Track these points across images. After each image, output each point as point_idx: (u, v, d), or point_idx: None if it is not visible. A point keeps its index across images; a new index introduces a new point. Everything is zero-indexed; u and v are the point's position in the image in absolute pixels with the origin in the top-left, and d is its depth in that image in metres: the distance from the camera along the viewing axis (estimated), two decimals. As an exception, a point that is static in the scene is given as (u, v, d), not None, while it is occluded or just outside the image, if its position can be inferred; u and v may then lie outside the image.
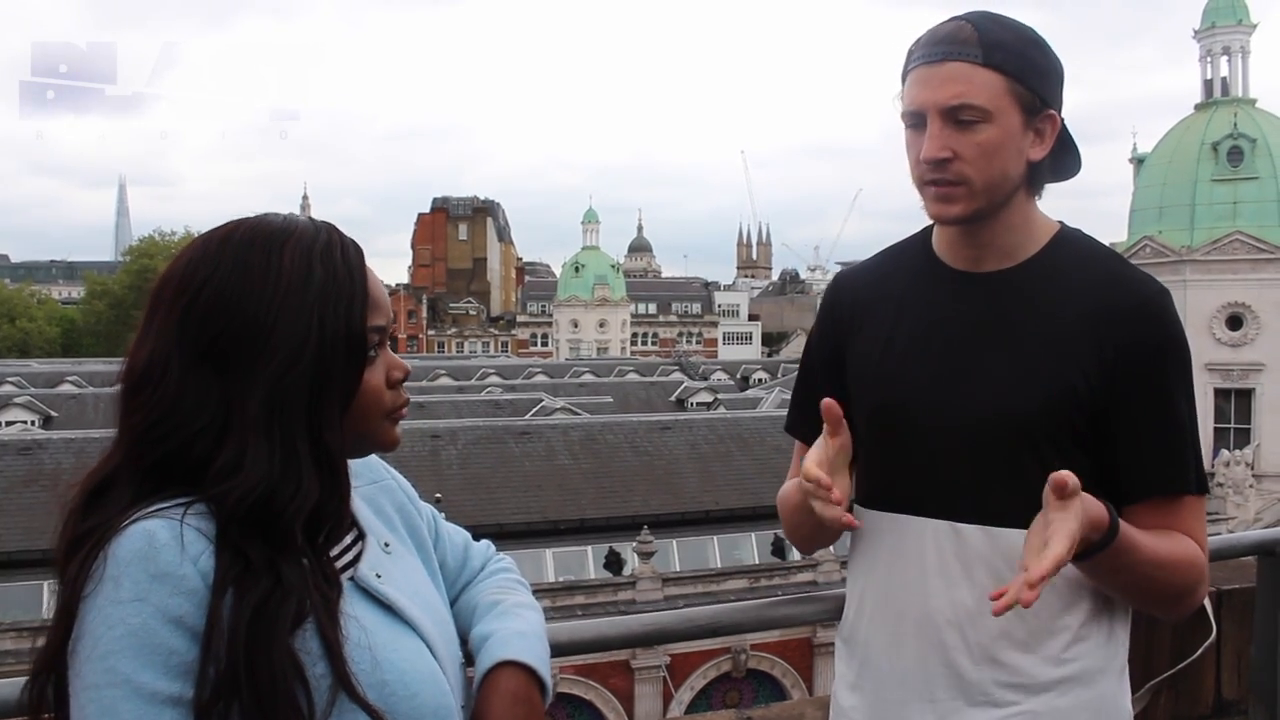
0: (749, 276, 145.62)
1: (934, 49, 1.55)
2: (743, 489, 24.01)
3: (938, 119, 1.54)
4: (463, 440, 24.20)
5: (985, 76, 1.52)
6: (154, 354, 1.17)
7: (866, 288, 1.77)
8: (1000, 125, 1.53)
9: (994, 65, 1.52)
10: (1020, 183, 1.60)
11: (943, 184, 1.56)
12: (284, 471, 1.13)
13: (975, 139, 1.53)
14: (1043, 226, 1.66)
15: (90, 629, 1.06)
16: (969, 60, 1.52)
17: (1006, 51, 1.53)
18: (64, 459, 20.35)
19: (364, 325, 1.21)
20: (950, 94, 1.52)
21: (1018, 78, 1.54)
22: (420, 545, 1.43)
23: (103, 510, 1.13)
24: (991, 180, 1.56)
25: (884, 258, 1.81)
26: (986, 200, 1.57)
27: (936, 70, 1.54)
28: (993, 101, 1.52)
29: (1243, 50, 33.81)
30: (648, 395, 42.72)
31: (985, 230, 1.62)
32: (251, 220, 1.23)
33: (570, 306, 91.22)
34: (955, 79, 1.53)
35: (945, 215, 1.60)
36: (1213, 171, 32.56)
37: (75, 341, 77.84)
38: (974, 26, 1.54)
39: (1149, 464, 1.56)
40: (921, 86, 1.56)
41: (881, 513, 1.68)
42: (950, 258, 1.68)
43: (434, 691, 1.22)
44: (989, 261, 1.64)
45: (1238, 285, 31.88)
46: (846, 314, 1.77)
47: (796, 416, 1.85)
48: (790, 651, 21.25)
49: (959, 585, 1.58)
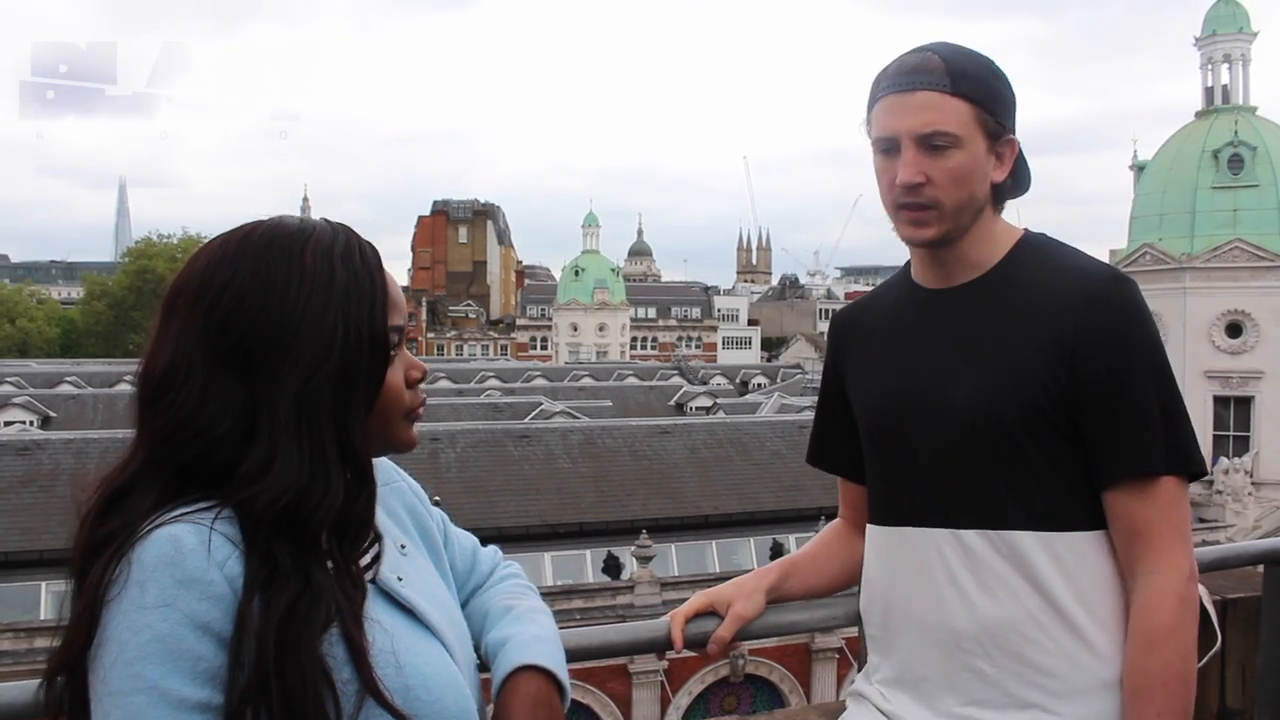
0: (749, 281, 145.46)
1: (904, 78, 1.63)
2: (742, 494, 24.01)
3: (911, 145, 1.61)
4: (461, 443, 24.18)
5: (954, 105, 1.60)
6: (175, 358, 1.16)
7: (855, 322, 1.89)
8: (969, 150, 1.62)
9: (961, 94, 1.61)
10: (984, 203, 1.67)
11: (915, 208, 1.63)
12: (313, 474, 1.13)
13: (947, 164, 1.61)
14: (1005, 236, 1.72)
15: (115, 634, 1.06)
16: (938, 89, 1.60)
17: (971, 80, 1.62)
18: (63, 459, 20.31)
19: (385, 325, 1.22)
20: (923, 121, 1.60)
21: (983, 105, 1.62)
22: (432, 547, 1.44)
23: (124, 514, 1.13)
24: (960, 203, 1.63)
25: (875, 291, 1.93)
26: (954, 222, 1.65)
27: (908, 99, 1.62)
28: (962, 128, 1.61)
29: (1243, 58, 33.80)
30: (647, 399, 42.72)
31: (954, 250, 1.69)
32: (268, 222, 1.23)
33: (570, 310, 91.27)
34: (927, 107, 1.60)
35: (917, 238, 1.67)
36: (1213, 179, 32.53)
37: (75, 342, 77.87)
38: (940, 57, 1.62)
39: (1114, 448, 1.58)
40: (894, 114, 1.63)
41: (889, 528, 1.74)
42: (924, 279, 1.76)
43: (456, 695, 1.23)
44: (958, 276, 1.71)
45: (1237, 293, 31.85)
46: (842, 347, 1.89)
47: (813, 448, 1.99)
48: (788, 657, 21.23)
49: (971, 593, 1.62)
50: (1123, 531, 1.59)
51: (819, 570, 1.96)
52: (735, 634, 1.83)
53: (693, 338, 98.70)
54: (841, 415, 1.86)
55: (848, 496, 1.95)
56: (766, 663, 21.17)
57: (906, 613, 1.70)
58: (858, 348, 1.83)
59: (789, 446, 25.53)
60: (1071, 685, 1.58)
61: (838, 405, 1.87)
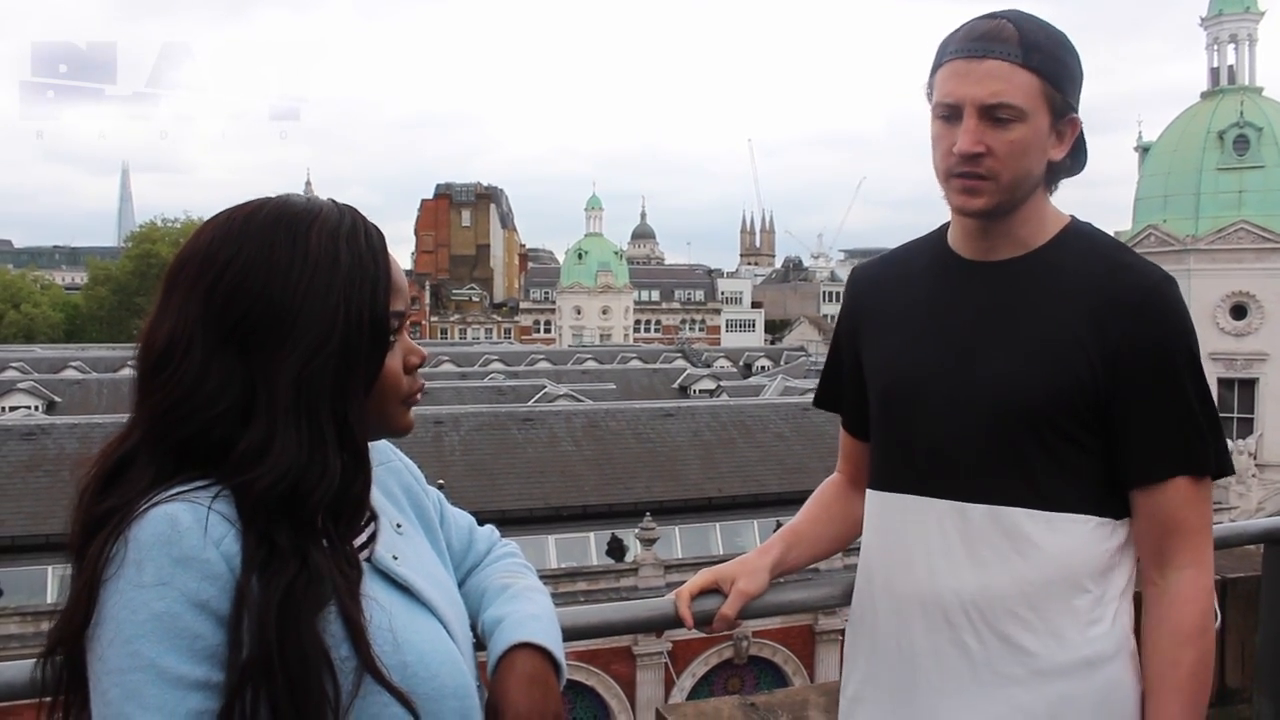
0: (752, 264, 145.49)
1: (974, 44, 1.57)
2: (745, 476, 24.04)
3: (974, 114, 1.56)
4: (465, 426, 24.22)
5: (1023, 77, 1.55)
6: (174, 333, 1.15)
7: (882, 276, 1.83)
8: (1032, 125, 1.57)
9: (1032, 66, 1.55)
10: (1039, 181, 1.63)
11: (971, 177, 1.59)
12: (311, 456, 1.13)
13: (1008, 137, 1.56)
14: (1054, 219, 1.69)
15: (112, 613, 1.06)
16: (1009, 59, 1.55)
17: (1043, 54, 1.56)
18: (68, 444, 20.39)
19: (387, 310, 1.22)
20: (989, 91, 1.55)
21: (1051, 81, 1.57)
22: (428, 527, 1.44)
23: (121, 491, 1.12)
24: (1016, 178, 1.59)
25: (901, 251, 1.86)
26: (1009, 196, 1.61)
27: (976, 66, 1.56)
28: (1028, 102, 1.56)
29: (1250, 38, 33.63)
30: (650, 382, 42.73)
31: (1001, 224, 1.65)
32: (275, 200, 1.22)
33: (573, 293, 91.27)
34: (995, 76, 1.55)
35: (969, 207, 1.62)
36: (1218, 160, 32.42)
37: (79, 327, 77.95)
38: (1014, 26, 1.56)
39: (1158, 449, 1.58)
40: (960, 80, 1.57)
41: (890, 494, 1.72)
42: (963, 249, 1.72)
43: (453, 671, 1.23)
44: (1000, 251, 1.68)
45: (1242, 274, 31.77)
46: (862, 301, 1.84)
47: (822, 391, 1.97)
48: (792, 639, 21.29)
49: (964, 566, 1.61)
50: (1155, 527, 1.60)
51: (820, 536, 1.95)
52: (740, 610, 1.83)
53: (696, 320, 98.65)
54: (852, 367, 1.83)
55: (847, 450, 1.94)
56: (770, 644, 21.23)
57: (892, 583, 1.70)
58: (880, 306, 1.79)
59: (792, 429, 25.54)
60: (1054, 663, 1.57)
61: (849, 357, 1.85)
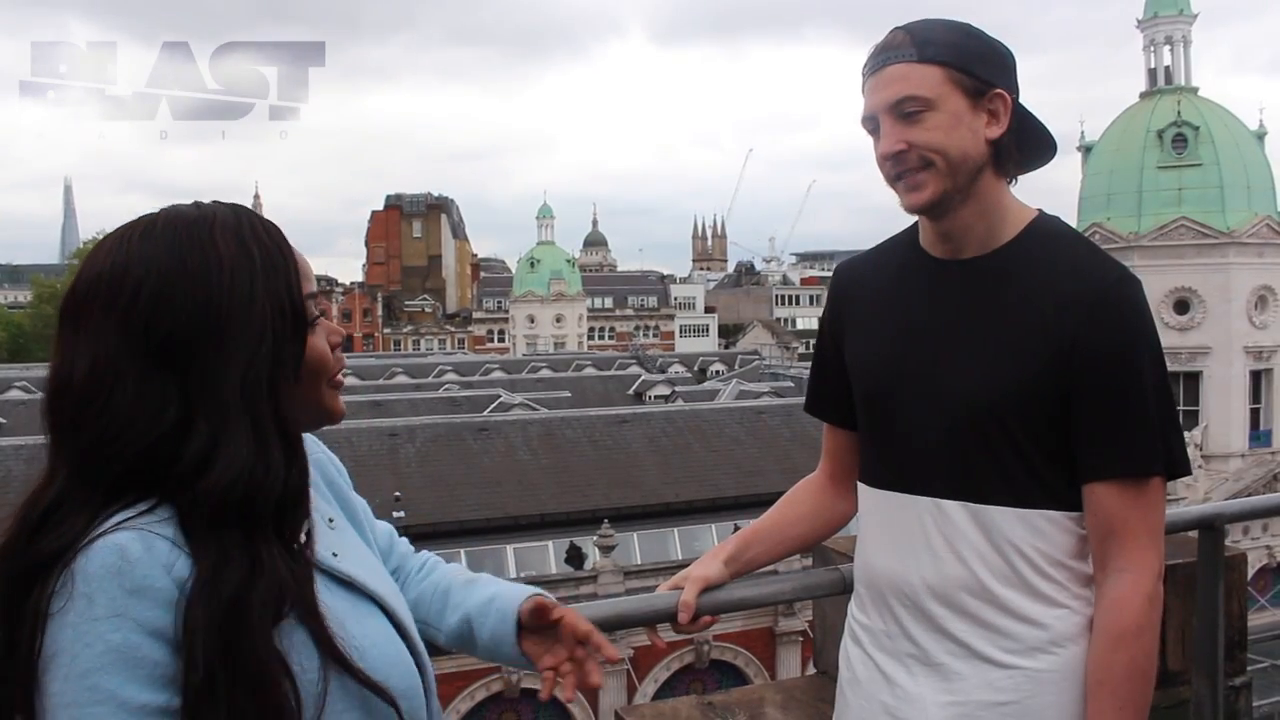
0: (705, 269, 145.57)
1: (875, 59, 1.68)
2: (702, 480, 24.09)
3: (888, 117, 1.65)
4: (421, 438, 24.08)
5: (921, 71, 1.63)
6: (96, 365, 1.12)
7: (860, 279, 1.89)
8: (945, 110, 1.63)
9: (929, 59, 1.63)
10: (984, 163, 1.66)
11: (908, 173, 1.65)
12: (257, 453, 1.12)
13: (924, 126, 1.63)
14: (1017, 213, 1.73)
15: (66, 647, 1.03)
16: (905, 60, 1.64)
17: (939, 45, 1.64)
18: (14, 466, 19.99)
19: (302, 294, 1.22)
20: (892, 92, 1.64)
21: (955, 66, 1.63)
22: (354, 519, 1.43)
23: (57, 534, 1.08)
24: (951, 161, 1.63)
25: (878, 250, 1.90)
26: (951, 181, 1.64)
27: (879, 77, 1.67)
28: (932, 90, 1.62)
29: (1185, 40, 34.34)
30: (605, 389, 42.68)
31: (958, 217, 1.69)
32: (164, 212, 1.21)
33: (526, 302, 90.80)
34: (895, 79, 1.64)
35: (917, 203, 1.67)
36: (1158, 159, 33.03)
37: (23, 346, 76.31)
38: (906, 32, 1.66)
39: (1108, 446, 1.62)
40: (870, 94, 1.68)
41: (877, 490, 1.79)
42: (932, 248, 1.77)
43: (403, 673, 1.24)
44: (967, 250, 1.72)
45: (1184, 270, 32.38)
46: (843, 302, 1.90)
47: (811, 398, 2.01)
48: (752, 641, 21.38)
49: (944, 559, 1.68)
50: (1100, 525, 1.63)
51: (785, 535, 1.98)
52: (698, 592, 1.86)
53: (650, 326, 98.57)
54: (838, 367, 1.87)
55: (832, 445, 1.98)
56: (732, 648, 21.30)
57: (879, 572, 1.78)
58: (859, 305, 1.85)
59: (748, 432, 25.65)
60: (1025, 645, 1.64)
61: (834, 358, 1.89)
